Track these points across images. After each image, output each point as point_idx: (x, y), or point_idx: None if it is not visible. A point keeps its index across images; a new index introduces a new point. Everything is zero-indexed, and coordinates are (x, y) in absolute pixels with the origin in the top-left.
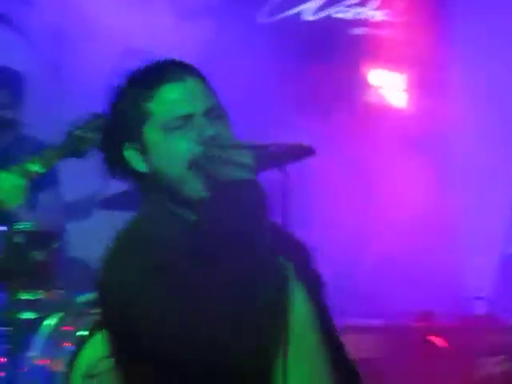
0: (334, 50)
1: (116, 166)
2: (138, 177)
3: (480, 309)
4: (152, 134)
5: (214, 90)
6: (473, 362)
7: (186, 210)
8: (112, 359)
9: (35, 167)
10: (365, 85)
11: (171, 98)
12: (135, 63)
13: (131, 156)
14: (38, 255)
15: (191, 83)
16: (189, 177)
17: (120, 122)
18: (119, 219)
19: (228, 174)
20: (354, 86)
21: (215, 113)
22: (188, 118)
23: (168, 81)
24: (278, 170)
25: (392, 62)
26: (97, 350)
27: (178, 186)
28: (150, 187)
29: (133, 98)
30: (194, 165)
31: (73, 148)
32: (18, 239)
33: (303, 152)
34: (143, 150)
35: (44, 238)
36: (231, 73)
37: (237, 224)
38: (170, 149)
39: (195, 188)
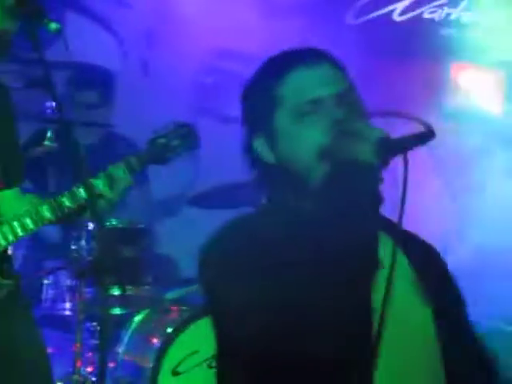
0: (422, 50)
1: (245, 157)
2: (265, 168)
3: None
4: (282, 120)
5: (348, 77)
6: None
7: (309, 202)
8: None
9: (119, 173)
10: (453, 86)
11: (301, 82)
12: (224, 62)
13: (261, 146)
14: (128, 252)
15: (322, 67)
16: (316, 166)
17: (251, 111)
18: (207, 216)
19: (351, 153)
20: (442, 86)
21: (347, 99)
22: (318, 102)
23: (299, 65)
24: (403, 157)
25: (480, 63)
26: (184, 347)
27: (304, 177)
28: (275, 180)
29: (264, 84)
30: (323, 154)
31: (156, 156)
32: (108, 235)
33: (428, 134)
34: (272, 140)
35: (134, 235)
36: None
37: (348, 209)
38: (299, 136)
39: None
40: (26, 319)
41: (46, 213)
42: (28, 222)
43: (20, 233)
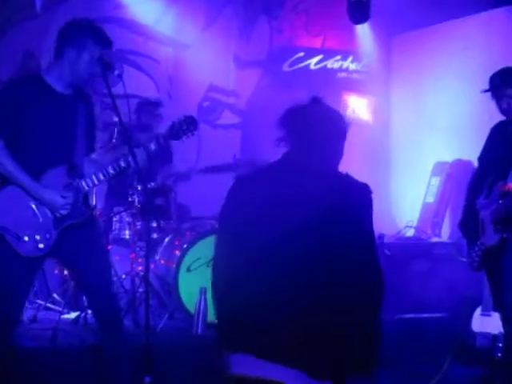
0: (328, 85)
1: None
2: None
3: None
4: None
5: None
6: None
7: None
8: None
9: (151, 146)
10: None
11: None
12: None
13: None
14: (160, 201)
15: None
16: None
17: None
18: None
19: None
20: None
21: None
22: None
23: None
24: None
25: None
26: (193, 255)
27: None
28: None
29: None
30: None
31: (173, 134)
32: (149, 192)
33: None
34: None
35: (164, 191)
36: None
37: None
38: None
39: None
40: (98, 233)
41: (110, 170)
42: (100, 175)
43: (96, 182)
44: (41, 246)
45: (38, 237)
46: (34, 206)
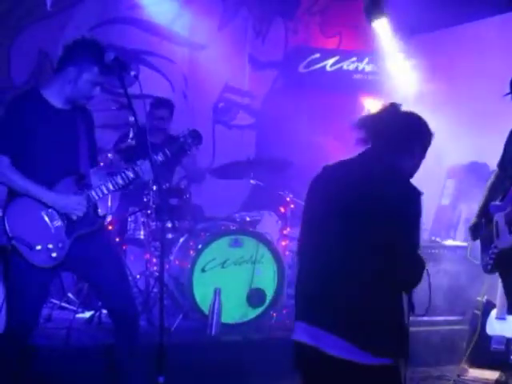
0: (344, 87)
1: None
2: None
3: None
4: None
5: None
6: None
7: None
8: (221, 262)
9: (158, 157)
10: (359, 107)
11: None
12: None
13: None
14: (175, 201)
15: None
16: None
17: None
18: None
19: None
20: (353, 107)
21: None
22: None
23: None
24: None
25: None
26: (208, 256)
27: None
28: None
29: None
30: None
31: (179, 148)
32: (164, 192)
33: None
34: None
35: (179, 192)
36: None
37: None
38: None
39: None
40: (108, 238)
41: (119, 181)
42: (109, 185)
43: (105, 192)
44: (54, 254)
45: (50, 246)
46: (45, 217)
